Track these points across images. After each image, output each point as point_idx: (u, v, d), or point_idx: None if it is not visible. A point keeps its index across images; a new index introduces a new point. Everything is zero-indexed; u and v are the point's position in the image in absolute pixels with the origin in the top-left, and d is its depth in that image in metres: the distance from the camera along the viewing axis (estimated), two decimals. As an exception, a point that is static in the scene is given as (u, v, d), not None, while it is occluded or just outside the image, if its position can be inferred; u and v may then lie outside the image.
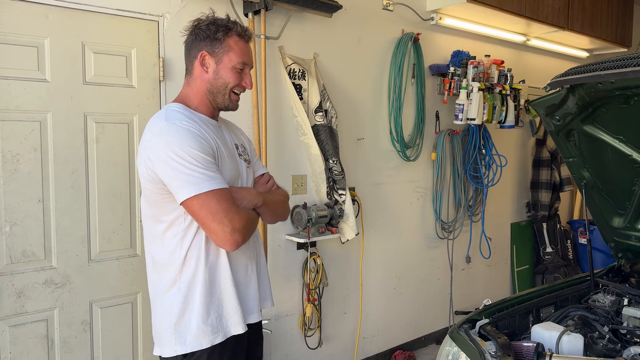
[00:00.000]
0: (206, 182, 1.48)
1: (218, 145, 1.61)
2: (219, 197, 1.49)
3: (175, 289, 1.61)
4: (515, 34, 4.32)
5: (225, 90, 1.66)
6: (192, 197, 1.48)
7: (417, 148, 3.67)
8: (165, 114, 1.58)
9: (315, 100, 3.01)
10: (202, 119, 1.64)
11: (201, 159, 1.50)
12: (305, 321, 3.12)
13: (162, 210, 1.59)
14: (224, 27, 1.64)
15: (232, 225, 1.50)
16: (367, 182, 3.46)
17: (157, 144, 1.51)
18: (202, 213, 1.49)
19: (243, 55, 1.66)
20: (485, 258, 4.30)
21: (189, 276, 1.60)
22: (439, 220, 3.92)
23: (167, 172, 1.49)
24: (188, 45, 1.69)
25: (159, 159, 1.50)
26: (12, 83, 2.09)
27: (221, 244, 1.54)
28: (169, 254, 1.61)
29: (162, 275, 1.64)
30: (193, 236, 1.59)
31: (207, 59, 1.64)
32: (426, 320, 4.00)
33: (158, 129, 1.53)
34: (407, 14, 3.57)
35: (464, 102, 3.56)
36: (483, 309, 2.16)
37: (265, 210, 1.70)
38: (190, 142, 1.50)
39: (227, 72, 1.64)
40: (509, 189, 4.69)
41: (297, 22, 2.97)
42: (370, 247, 3.51)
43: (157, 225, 1.62)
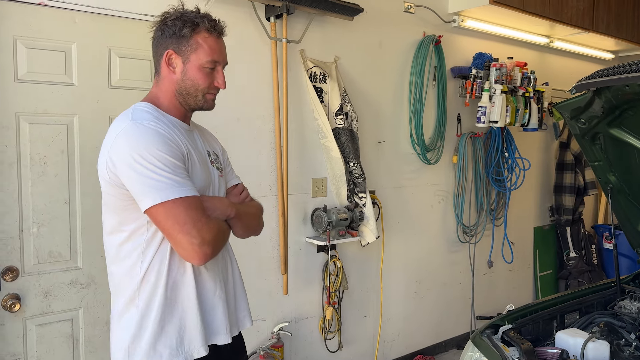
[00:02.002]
0: (174, 188, 1.34)
1: (189, 149, 1.48)
2: (187, 206, 1.35)
3: (133, 307, 1.45)
4: (539, 35, 4.27)
5: (197, 92, 1.52)
6: (157, 205, 1.33)
7: (438, 151, 3.64)
8: (132, 113, 1.44)
9: (336, 103, 3.01)
10: (172, 121, 1.50)
11: (169, 163, 1.36)
12: (325, 324, 3.12)
13: (123, 218, 1.44)
14: (191, 23, 1.48)
15: (200, 237, 1.36)
16: (388, 185, 3.45)
17: (121, 145, 1.36)
18: (168, 223, 1.34)
19: (213, 53, 1.51)
20: (507, 263, 4.25)
21: (148, 293, 1.44)
22: (461, 224, 3.89)
23: (131, 177, 1.35)
24: (155, 43, 1.54)
25: (122, 161, 1.35)
26: (40, 87, 2.14)
27: (188, 257, 1.39)
28: (129, 268, 1.46)
29: (120, 293, 1.49)
30: (156, 248, 1.44)
31: (174, 58, 1.50)
32: (447, 325, 3.97)
33: (123, 129, 1.38)
34: (429, 17, 3.56)
35: (486, 105, 3.53)
36: (506, 314, 2.14)
37: (237, 222, 1.56)
38: (158, 144, 1.36)
39: (195, 72, 1.50)
40: (532, 192, 4.62)
41: (318, 26, 2.98)
42: (390, 251, 3.50)
43: (117, 235, 1.47)
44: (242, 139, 2.75)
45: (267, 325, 2.92)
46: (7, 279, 2.11)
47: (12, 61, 2.08)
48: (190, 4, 2.48)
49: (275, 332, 2.90)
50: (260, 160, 2.83)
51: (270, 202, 2.87)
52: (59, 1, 2.16)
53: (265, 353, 2.81)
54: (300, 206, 3.02)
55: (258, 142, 2.81)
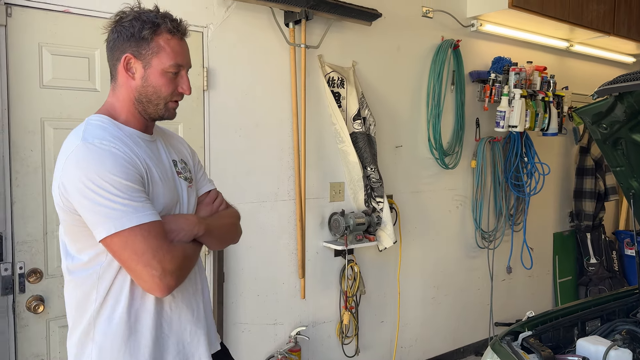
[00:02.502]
0: (130, 215, 1.22)
1: (148, 167, 1.34)
2: (145, 234, 1.23)
3: (89, 342, 1.33)
4: (558, 39, 4.23)
5: (159, 99, 1.38)
6: (112, 235, 1.21)
7: (456, 156, 3.63)
8: (84, 131, 1.29)
9: (354, 108, 3.02)
10: (130, 134, 1.36)
11: (124, 187, 1.23)
12: (343, 329, 3.12)
13: (80, 244, 1.32)
14: (151, 24, 1.34)
15: (161, 268, 1.24)
16: (405, 189, 3.45)
17: (72, 169, 1.24)
18: (125, 253, 1.23)
19: (177, 56, 1.37)
20: (526, 268, 4.20)
21: (106, 326, 1.32)
22: (479, 229, 3.86)
23: (83, 204, 1.22)
24: (110, 46, 1.39)
25: (73, 187, 1.23)
26: (64, 93, 2.18)
27: (149, 290, 1.27)
28: (84, 297, 1.33)
29: (76, 325, 1.36)
30: (114, 276, 1.32)
31: (133, 63, 1.35)
32: (465, 331, 3.94)
33: (73, 151, 1.25)
34: (447, 21, 3.55)
35: (505, 109, 3.51)
36: (526, 320, 2.13)
37: (208, 238, 1.43)
38: (111, 167, 1.23)
39: (157, 77, 1.36)
40: (552, 198, 4.57)
41: (336, 31, 3.00)
42: (408, 256, 3.49)
43: (74, 261, 1.35)
44: (260, 144, 2.77)
45: (284, 330, 2.93)
46: (32, 281, 2.15)
47: (38, 67, 2.13)
48: (198, 7, 2.53)
49: (293, 336, 2.91)
50: (279, 164, 2.85)
51: (288, 206, 2.89)
52: (83, 8, 2.21)
53: (282, 357, 2.82)
54: (318, 210, 3.03)
55: (276, 147, 2.83)
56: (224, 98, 2.64)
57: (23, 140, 2.12)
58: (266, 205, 2.81)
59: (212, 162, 2.61)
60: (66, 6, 2.17)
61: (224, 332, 2.69)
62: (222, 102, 2.63)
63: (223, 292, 2.67)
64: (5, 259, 2.11)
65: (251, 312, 2.80)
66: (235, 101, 2.68)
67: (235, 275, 2.72)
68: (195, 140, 2.55)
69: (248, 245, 2.76)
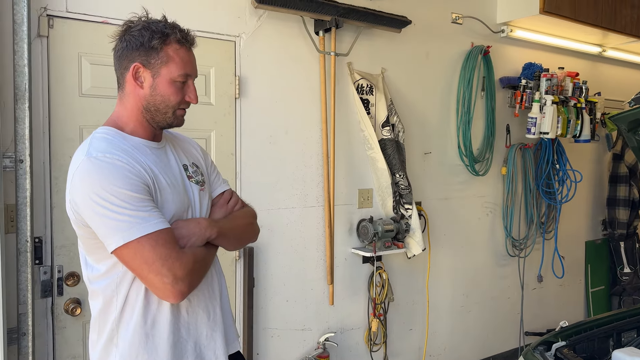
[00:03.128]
0: (137, 226, 1.24)
1: (154, 175, 1.35)
2: (153, 243, 1.25)
3: (113, 347, 1.37)
4: (591, 45, 4.16)
5: (167, 108, 1.39)
6: (121, 247, 1.24)
7: (486, 162, 3.60)
8: (89, 145, 1.31)
9: (383, 114, 3.03)
10: (136, 144, 1.38)
11: (130, 198, 1.25)
12: (371, 336, 3.11)
13: (98, 255, 1.36)
14: (160, 33, 1.35)
15: (172, 275, 1.26)
16: (434, 196, 3.43)
17: (79, 185, 1.27)
18: (136, 263, 1.26)
19: (185, 66, 1.39)
20: (558, 277, 4.13)
21: (126, 332, 1.35)
22: (510, 237, 3.81)
23: (92, 218, 1.26)
24: (118, 54, 1.41)
25: (83, 202, 1.26)
26: (102, 101, 2.25)
27: (163, 297, 1.30)
28: (105, 305, 1.37)
29: (98, 330, 1.40)
30: (130, 283, 1.35)
31: (142, 72, 1.37)
32: (495, 340, 3.89)
33: (79, 167, 1.28)
34: (477, 27, 3.53)
35: (536, 116, 3.47)
36: (559, 330, 2.10)
37: (223, 241, 1.45)
38: (115, 179, 1.25)
39: (166, 86, 1.38)
40: (584, 205, 4.49)
41: (366, 38, 3.01)
42: (437, 263, 3.46)
43: (94, 271, 1.38)
44: (290, 150, 2.80)
45: (312, 335, 2.94)
46: (69, 284, 2.22)
47: (77, 77, 2.20)
48: (231, 17, 2.57)
49: (321, 342, 2.92)
50: (308, 171, 2.87)
51: (317, 212, 2.91)
52: (120, 19, 2.27)
53: (311, 363, 2.83)
54: (346, 217, 3.04)
55: (305, 154, 2.85)
56: (255, 106, 2.68)
57: (62, 147, 2.18)
58: (295, 212, 2.83)
59: (242, 169, 2.65)
60: (104, 17, 2.24)
61: (253, 337, 2.71)
62: (253, 109, 2.67)
63: (253, 297, 2.70)
64: (44, 263, 2.17)
65: (280, 317, 2.82)
66: (265, 109, 2.71)
67: (264, 281, 2.75)
68: (227, 147, 2.59)
69: (277, 251, 2.78)
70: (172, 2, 2.39)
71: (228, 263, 2.63)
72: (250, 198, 2.64)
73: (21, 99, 2.02)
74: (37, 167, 2.13)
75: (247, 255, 2.65)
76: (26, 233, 2.06)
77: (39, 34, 2.11)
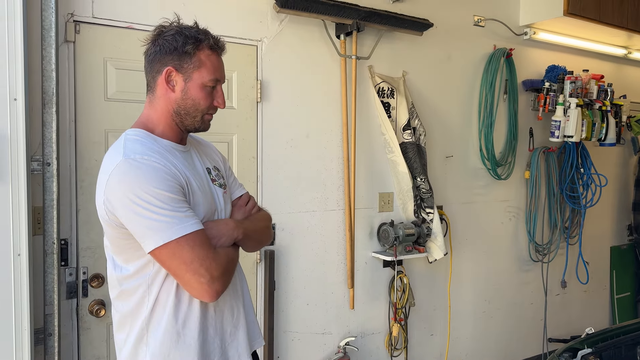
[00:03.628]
0: (176, 226, 1.26)
1: (187, 178, 1.37)
2: (192, 243, 1.27)
3: (143, 346, 1.38)
4: (616, 47, 4.09)
5: (196, 112, 1.42)
6: (160, 247, 1.26)
7: (509, 166, 3.55)
8: (124, 147, 1.33)
9: (404, 118, 3.01)
10: (166, 146, 1.40)
11: (168, 199, 1.27)
12: (392, 341, 3.09)
13: (128, 256, 1.37)
14: (194, 39, 1.38)
15: (209, 275, 1.29)
16: (456, 200, 3.40)
17: (116, 185, 1.28)
18: (174, 263, 1.28)
19: (216, 71, 1.42)
20: (582, 283, 4.05)
21: (156, 331, 1.37)
22: (533, 242, 3.76)
23: (130, 219, 1.27)
24: (150, 58, 1.43)
25: (120, 203, 1.27)
26: (128, 105, 2.28)
27: (198, 296, 1.33)
28: (136, 305, 1.38)
29: (126, 330, 1.42)
30: (161, 283, 1.37)
31: (174, 76, 1.40)
32: (517, 346, 3.83)
33: (116, 168, 1.29)
34: (499, 29, 3.50)
35: (560, 119, 3.42)
36: (585, 337, 2.06)
37: (246, 242, 1.48)
38: (154, 180, 1.27)
39: (197, 91, 1.40)
40: (609, 210, 4.41)
41: (387, 42, 3.00)
42: (459, 268, 3.43)
43: (123, 272, 1.40)
44: (310, 154, 2.80)
45: (333, 339, 2.93)
46: (94, 286, 2.25)
47: (103, 81, 2.23)
48: (253, 21, 2.59)
49: (342, 346, 2.91)
50: (328, 174, 2.87)
51: (337, 216, 2.90)
52: (144, 24, 2.30)
53: (332, 367, 2.82)
54: (367, 221, 3.03)
55: (326, 157, 2.85)
56: (277, 109, 2.69)
57: (88, 151, 2.22)
58: (316, 215, 2.83)
59: (264, 172, 2.66)
60: (129, 22, 2.28)
61: (274, 339, 2.72)
62: (275, 113, 2.68)
63: (274, 300, 2.70)
64: (70, 264, 2.21)
65: (301, 321, 2.82)
66: (287, 112, 2.72)
67: (285, 284, 2.75)
68: (249, 151, 2.60)
69: (298, 254, 2.78)
70: (194, 7, 2.41)
71: (249, 266, 2.64)
72: (271, 201, 2.66)
73: (49, 103, 2.06)
74: (64, 170, 2.17)
75: (268, 258, 2.66)
76: (53, 235, 2.09)
77: (65, 39, 2.15)
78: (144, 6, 2.31)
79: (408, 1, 3.05)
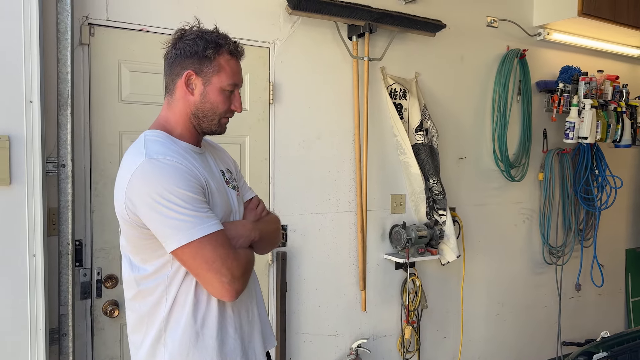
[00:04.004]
0: (197, 226, 1.27)
1: (206, 178, 1.39)
2: (214, 243, 1.29)
3: (161, 346, 1.38)
4: (631, 47, 4.04)
5: (214, 115, 1.44)
6: (182, 246, 1.27)
7: (522, 168, 3.53)
8: (145, 147, 1.34)
9: (416, 119, 3.00)
10: (185, 148, 1.42)
11: (191, 199, 1.28)
12: (404, 343, 3.08)
13: (147, 256, 1.37)
14: (214, 44, 1.40)
15: (230, 274, 1.30)
16: (469, 202, 3.38)
17: (139, 185, 1.28)
18: (196, 262, 1.29)
19: (235, 76, 1.44)
20: (597, 286, 4.01)
21: (174, 331, 1.37)
22: (547, 245, 3.72)
23: (153, 218, 1.28)
24: (170, 61, 1.44)
25: (142, 202, 1.28)
26: (142, 107, 2.29)
27: (219, 296, 1.33)
28: (153, 305, 1.39)
29: (143, 331, 1.42)
30: (180, 283, 1.37)
31: (193, 79, 1.41)
32: (531, 350, 3.79)
33: (138, 167, 1.29)
34: (513, 30, 3.47)
35: (575, 120, 3.38)
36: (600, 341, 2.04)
37: (260, 244, 1.50)
38: (177, 181, 1.28)
39: (215, 94, 1.42)
40: (624, 212, 4.35)
41: (399, 43, 3.00)
42: (471, 271, 3.41)
43: (140, 271, 1.40)
44: (322, 155, 2.80)
45: (345, 342, 2.92)
46: (108, 286, 2.26)
47: (117, 83, 2.25)
48: (265, 24, 2.60)
49: (354, 348, 2.90)
50: (340, 176, 2.86)
51: (349, 217, 2.90)
52: (158, 27, 2.32)
53: (344, 369, 2.82)
54: (379, 222, 3.02)
55: (338, 159, 2.85)
56: (289, 111, 2.69)
57: (102, 153, 2.24)
58: (327, 217, 2.83)
59: (276, 174, 2.66)
60: (143, 25, 2.29)
61: (286, 341, 2.72)
62: (287, 115, 2.68)
63: (286, 302, 2.70)
64: (84, 265, 2.23)
65: (312, 322, 2.82)
66: (299, 114, 2.72)
67: (297, 285, 2.75)
68: (261, 153, 2.61)
69: (310, 256, 2.78)
70: (208, 9, 2.43)
71: (262, 267, 2.65)
72: (283, 203, 2.67)
73: (64, 106, 2.08)
74: (78, 171, 2.19)
75: (280, 260, 2.66)
76: (67, 236, 2.11)
77: (80, 42, 2.17)
78: (157, 9, 2.32)
79: (420, 2, 3.04)
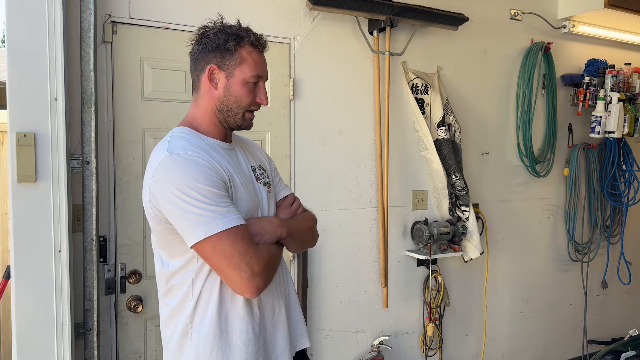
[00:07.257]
0: (217, 220, 1.27)
1: (230, 174, 1.39)
2: (232, 238, 1.28)
3: (187, 342, 1.40)
4: (661, 38, 3.93)
5: (239, 109, 1.44)
6: (202, 241, 1.27)
7: (547, 163, 3.46)
8: (169, 143, 1.36)
9: (438, 114, 2.96)
10: (211, 144, 1.43)
11: (210, 194, 1.28)
12: (426, 340, 3.05)
13: (173, 251, 1.40)
14: (235, 36, 1.41)
15: (250, 270, 1.28)
16: (492, 198, 3.33)
17: (160, 180, 1.31)
18: (215, 257, 1.28)
19: (257, 68, 1.43)
20: (624, 284, 3.92)
21: (200, 326, 1.39)
22: (572, 241, 3.65)
23: (174, 213, 1.29)
24: (194, 57, 1.46)
25: (163, 197, 1.30)
26: (164, 104, 2.31)
27: (239, 292, 1.32)
28: (181, 301, 1.41)
29: (172, 326, 1.44)
30: (205, 279, 1.38)
31: (216, 73, 1.42)
32: (556, 348, 3.73)
33: (160, 163, 1.32)
34: (537, 23, 3.40)
35: (601, 114, 3.31)
36: (629, 339, 1.99)
37: (290, 241, 1.48)
38: (197, 175, 1.29)
39: (239, 87, 1.42)
40: (652, 208, 4.25)
41: (421, 37, 2.96)
42: (495, 268, 3.36)
43: (169, 267, 1.42)
44: (343, 151, 2.78)
45: (366, 338, 2.91)
46: (132, 282, 2.29)
47: (140, 81, 2.27)
48: (286, 20, 2.58)
49: (375, 345, 2.89)
50: (361, 172, 2.84)
51: (370, 214, 2.88)
52: (179, 24, 2.33)
53: (365, 366, 2.81)
54: (400, 219, 2.99)
55: (358, 154, 2.83)
56: (309, 107, 2.68)
57: (125, 149, 2.26)
58: (348, 213, 2.82)
59: (296, 169, 2.65)
60: (165, 22, 2.30)
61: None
62: (308, 111, 2.67)
63: (307, 298, 2.70)
64: (108, 261, 2.25)
65: (334, 319, 2.81)
66: (319, 110, 2.71)
67: (318, 282, 2.75)
68: (282, 149, 2.60)
69: (331, 252, 2.77)
70: (228, 5, 2.42)
71: (283, 264, 2.65)
72: (304, 199, 2.65)
73: (87, 103, 2.11)
74: (102, 168, 2.21)
75: (301, 256, 2.66)
76: (92, 232, 2.14)
77: (103, 39, 2.19)
78: (178, 6, 2.33)
79: (442, -5, 3.00)
